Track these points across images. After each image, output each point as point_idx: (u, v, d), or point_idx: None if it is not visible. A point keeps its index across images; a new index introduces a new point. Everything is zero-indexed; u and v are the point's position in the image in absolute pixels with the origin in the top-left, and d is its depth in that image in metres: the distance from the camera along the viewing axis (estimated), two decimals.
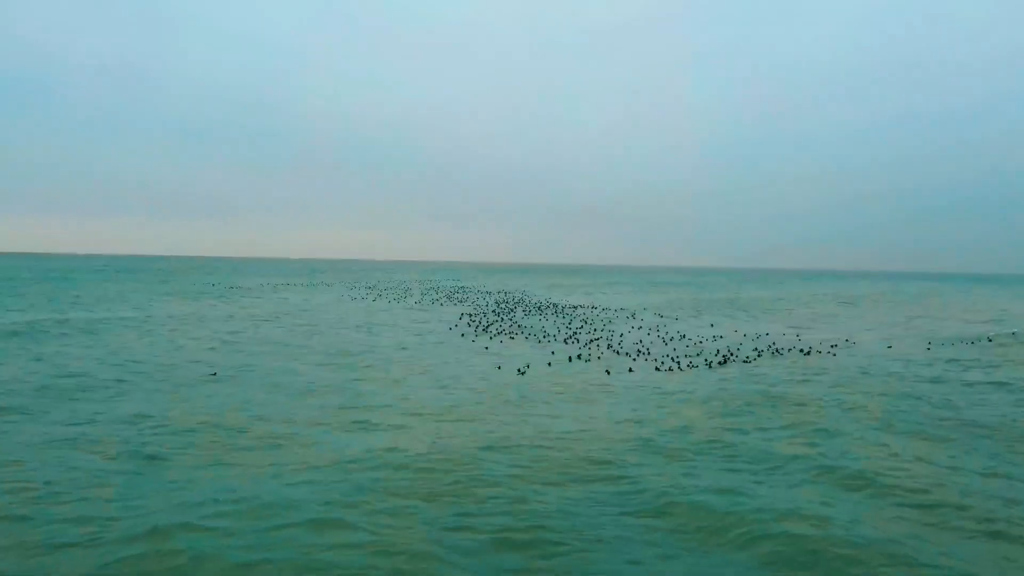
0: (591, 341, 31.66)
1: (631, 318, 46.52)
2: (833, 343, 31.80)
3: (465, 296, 69.77)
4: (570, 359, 25.88)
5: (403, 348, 28.68)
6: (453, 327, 37.43)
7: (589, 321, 42.89)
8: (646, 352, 28.30)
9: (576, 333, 35.27)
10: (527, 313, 47.93)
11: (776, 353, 28.16)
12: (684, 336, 35.07)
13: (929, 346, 30.86)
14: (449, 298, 65.53)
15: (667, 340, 33.14)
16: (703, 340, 33.25)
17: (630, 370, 23.21)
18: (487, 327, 37.08)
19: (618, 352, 28.22)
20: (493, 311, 49.05)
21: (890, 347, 30.60)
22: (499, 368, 23.45)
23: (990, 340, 32.36)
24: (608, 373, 22.70)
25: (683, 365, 24.69)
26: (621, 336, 34.46)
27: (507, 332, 34.95)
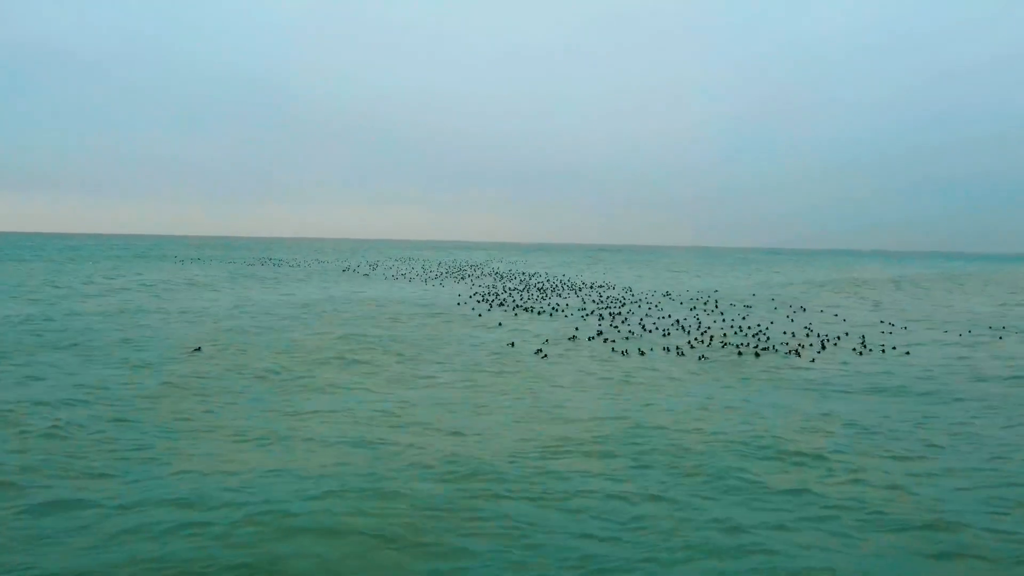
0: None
1: (662, 299, 45.49)
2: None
3: (475, 273, 69.03)
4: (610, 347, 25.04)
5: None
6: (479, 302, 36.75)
7: (618, 302, 41.98)
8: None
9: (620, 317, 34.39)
10: (547, 294, 47.02)
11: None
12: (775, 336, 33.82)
13: None
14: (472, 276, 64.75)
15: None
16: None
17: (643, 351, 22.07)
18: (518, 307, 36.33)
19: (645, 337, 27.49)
20: (514, 290, 48.27)
21: None
22: (542, 356, 22.67)
23: None
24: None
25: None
26: (640, 319, 33.61)
27: (535, 310, 34.27)
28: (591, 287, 52.95)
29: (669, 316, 32.97)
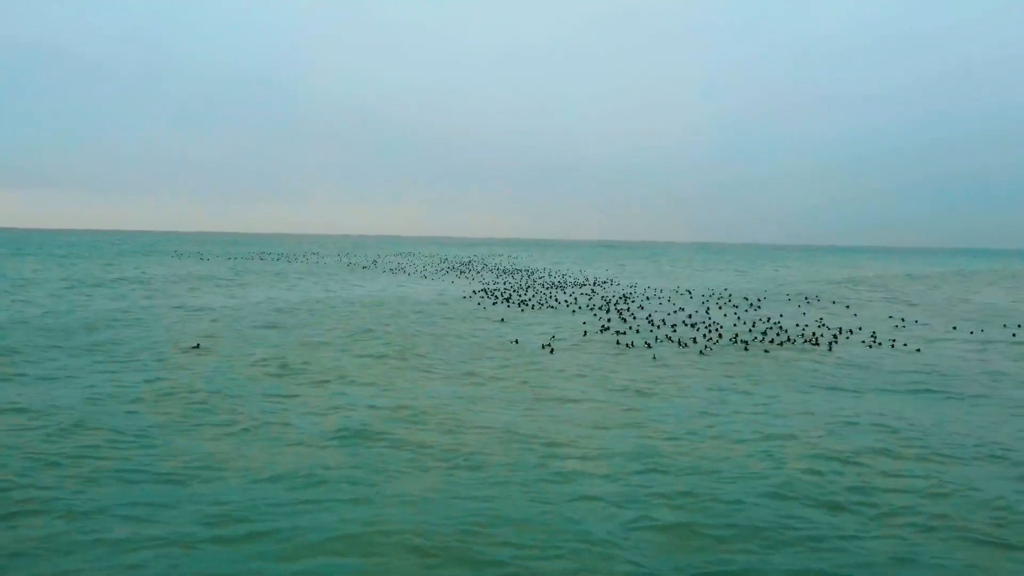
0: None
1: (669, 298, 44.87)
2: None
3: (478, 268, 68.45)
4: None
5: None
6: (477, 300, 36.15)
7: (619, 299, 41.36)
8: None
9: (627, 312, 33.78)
10: (550, 289, 46.43)
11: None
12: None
13: None
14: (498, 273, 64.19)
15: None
16: None
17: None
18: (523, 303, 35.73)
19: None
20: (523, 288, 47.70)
21: None
22: (549, 351, 22.05)
23: None
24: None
25: None
26: (648, 316, 32.99)
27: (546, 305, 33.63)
28: (595, 282, 52.30)
29: (682, 309, 32.60)
